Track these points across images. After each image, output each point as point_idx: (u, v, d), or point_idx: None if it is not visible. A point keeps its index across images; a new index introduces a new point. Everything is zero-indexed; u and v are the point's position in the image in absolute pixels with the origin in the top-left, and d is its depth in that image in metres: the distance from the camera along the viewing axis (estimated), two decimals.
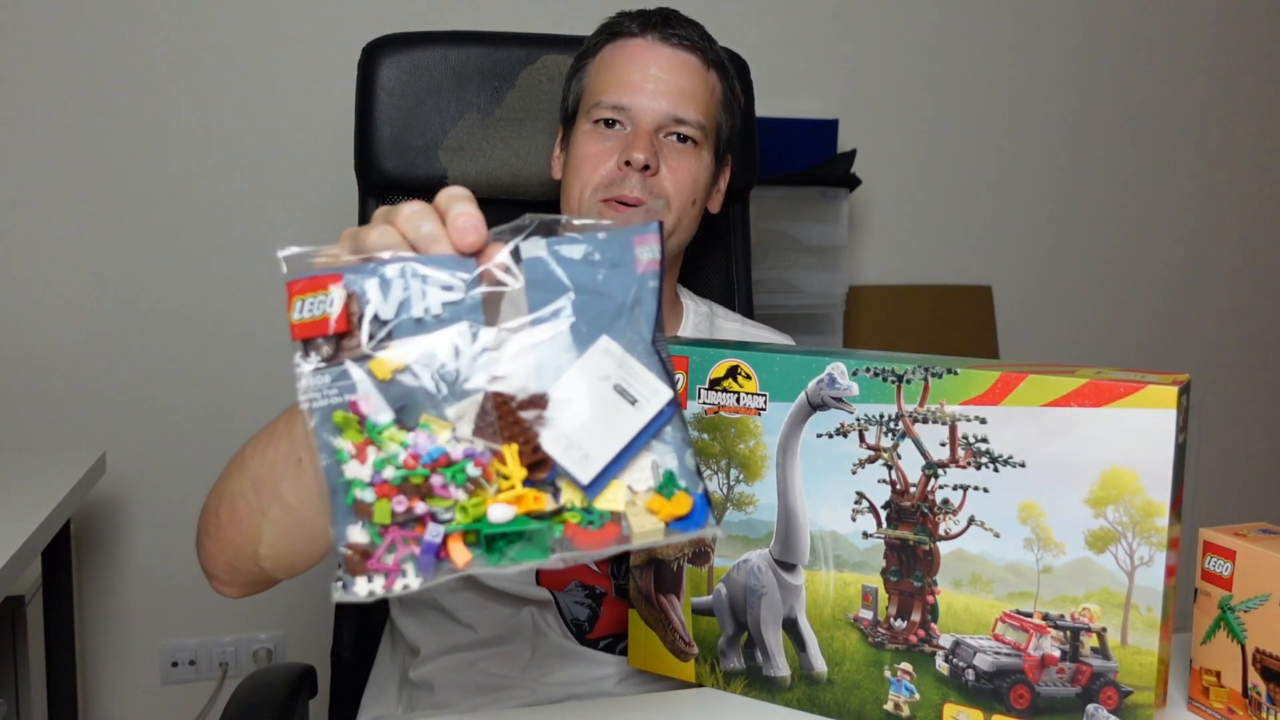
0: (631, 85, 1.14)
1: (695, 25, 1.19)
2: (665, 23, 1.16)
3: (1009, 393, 0.83)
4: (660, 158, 1.13)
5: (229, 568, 0.91)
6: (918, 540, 0.88)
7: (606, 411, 0.64)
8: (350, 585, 0.61)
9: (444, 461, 0.63)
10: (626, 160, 1.11)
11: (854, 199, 2.30)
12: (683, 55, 1.16)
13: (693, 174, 1.15)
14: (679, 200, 1.14)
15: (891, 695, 0.90)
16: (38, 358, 1.98)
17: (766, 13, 2.29)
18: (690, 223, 1.18)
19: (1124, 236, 2.61)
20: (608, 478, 0.64)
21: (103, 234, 1.99)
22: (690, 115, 1.14)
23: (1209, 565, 0.89)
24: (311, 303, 0.64)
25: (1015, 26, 2.47)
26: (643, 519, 0.64)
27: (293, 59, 2.04)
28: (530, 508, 0.63)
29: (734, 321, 1.32)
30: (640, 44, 1.16)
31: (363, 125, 1.36)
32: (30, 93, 1.94)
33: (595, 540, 0.63)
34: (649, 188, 1.12)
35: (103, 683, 2.08)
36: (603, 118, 1.15)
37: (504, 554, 0.63)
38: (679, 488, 0.64)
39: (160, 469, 2.04)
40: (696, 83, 1.16)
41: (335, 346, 0.63)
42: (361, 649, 1.35)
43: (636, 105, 1.13)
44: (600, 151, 1.14)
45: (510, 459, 0.63)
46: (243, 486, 0.85)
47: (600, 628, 1.15)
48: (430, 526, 0.62)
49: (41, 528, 1.38)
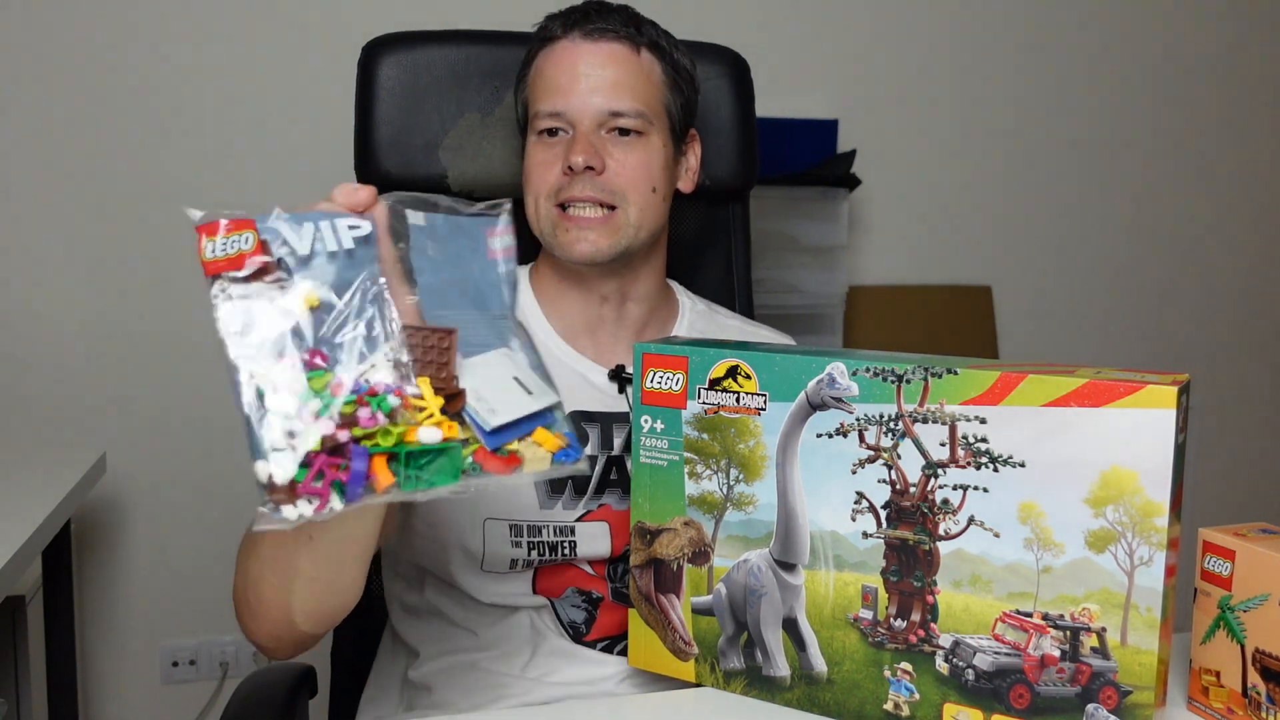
0: (562, 89, 1.12)
1: (620, 11, 1.15)
2: (586, 18, 1.14)
3: (1009, 393, 0.83)
4: (605, 154, 1.12)
5: (273, 639, 0.95)
6: (918, 540, 0.88)
7: (507, 390, 0.73)
8: (278, 513, 0.64)
9: (371, 393, 0.67)
10: (569, 165, 1.10)
11: (854, 199, 2.30)
12: (608, 47, 1.13)
13: (643, 163, 1.13)
14: (635, 192, 1.13)
15: (891, 695, 0.90)
16: (38, 358, 1.99)
17: (766, 13, 2.30)
18: (656, 210, 1.16)
19: (1124, 236, 2.61)
20: (508, 436, 0.71)
21: (103, 234, 1.99)
22: (627, 106, 1.12)
23: (1209, 565, 0.89)
24: (224, 243, 0.67)
25: (1015, 26, 2.47)
26: (534, 450, 0.71)
27: (292, 58, 2.04)
28: (448, 435, 0.68)
29: (735, 320, 1.31)
30: (565, 45, 1.14)
31: (363, 124, 1.36)
32: (30, 93, 1.94)
33: (500, 465, 0.70)
34: (599, 185, 1.11)
35: (103, 683, 2.08)
36: (544, 128, 1.14)
37: (419, 479, 0.67)
38: (559, 430, 0.74)
39: (160, 469, 2.05)
40: (628, 71, 1.13)
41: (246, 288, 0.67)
42: (361, 649, 1.35)
43: (570, 108, 1.12)
44: (546, 160, 1.13)
45: (426, 390, 0.68)
46: (261, 571, 0.89)
47: (597, 630, 1.15)
48: (355, 449, 0.65)
49: (41, 528, 1.38)
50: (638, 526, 0.99)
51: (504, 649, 1.14)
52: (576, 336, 1.20)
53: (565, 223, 1.12)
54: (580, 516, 1.14)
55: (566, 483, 1.14)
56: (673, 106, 1.17)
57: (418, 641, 1.19)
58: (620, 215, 1.12)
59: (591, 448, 1.15)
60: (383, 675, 1.25)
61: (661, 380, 0.97)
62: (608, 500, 1.15)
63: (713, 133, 1.41)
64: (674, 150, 1.18)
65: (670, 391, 0.96)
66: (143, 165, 2.00)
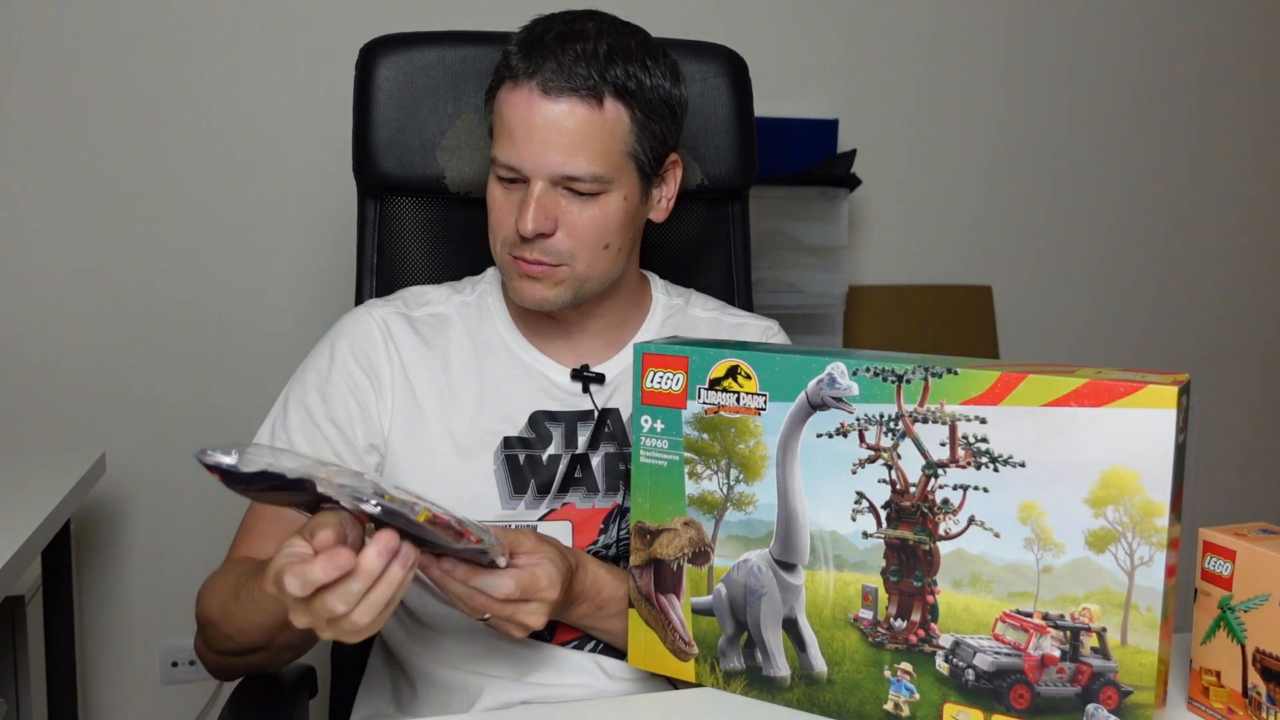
0: (518, 143, 1.07)
1: (585, 52, 1.06)
2: (546, 62, 1.06)
3: (1009, 393, 0.83)
4: (558, 213, 1.08)
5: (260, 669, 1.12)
6: (918, 540, 0.88)
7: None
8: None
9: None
10: (520, 232, 1.08)
11: (854, 199, 2.30)
12: (565, 107, 1.06)
13: (596, 223, 1.09)
14: (584, 251, 1.10)
15: (891, 695, 0.90)
16: (38, 358, 1.98)
17: (766, 13, 2.29)
18: (609, 262, 1.13)
19: (1124, 237, 2.61)
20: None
21: (103, 234, 1.99)
22: (582, 170, 1.06)
23: (1209, 565, 0.89)
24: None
25: (1015, 27, 2.47)
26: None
27: (290, 59, 2.04)
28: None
29: (711, 310, 1.28)
30: (524, 94, 1.07)
31: (360, 125, 1.36)
32: (30, 93, 1.94)
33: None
34: (547, 249, 1.09)
35: (103, 683, 2.08)
36: (501, 175, 1.11)
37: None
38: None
39: (160, 469, 2.04)
40: (589, 130, 1.06)
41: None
42: (361, 649, 1.35)
43: (525, 165, 1.07)
44: (504, 204, 1.11)
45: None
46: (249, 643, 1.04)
47: (562, 632, 1.14)
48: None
49: (41, 528, 1.38)
50: (638, 526, 0.99)
51: (470, 650, 1.14)
52: (540, 337, 1.19)
53: (516, 269, 1.11)
54: (543, 516, 1.14)
55: (529, 482, 1.14)
56: (641, 151, 1.11)
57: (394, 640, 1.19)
58: (565, 270, 1.10)
59: (555, 446, 1.15)
60: (375, 672, 1.26)
61: (661, 380, 0.97)
62: (571, 499, 1.15)
63: (712, 133, 1.41)
64: (642, 193, 1.14)
65: (670, 391, 0.96)
66: (142, 166, 1.99)
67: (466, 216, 1.37)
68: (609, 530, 1.15)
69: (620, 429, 1.17)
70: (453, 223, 1.40)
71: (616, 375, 1.19)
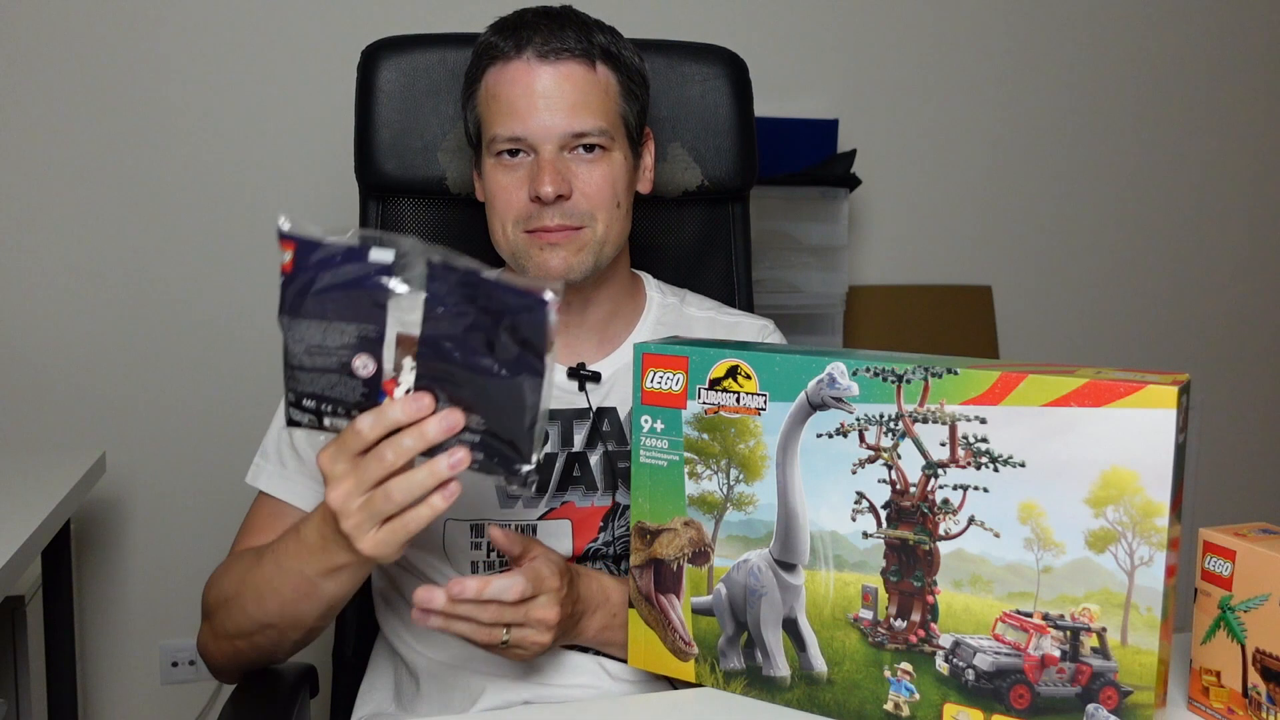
0: (521, 113, 1.09)
1: (571, 22, 1.12)
2: (539, 36, 1.10)
3: (1009, 393, 0.83)
4: (571, 176, 1.10)
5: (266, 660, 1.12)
6: (918, 540, 0.88)
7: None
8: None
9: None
10: (537, 194, 1.09)
11: (854, 199, 2.30)
12: (565, 68, 1.10)
13: (608, 180, 1.12)
14: (602, 210, 1.12)
15: (891, 695, 0.90)
16: (38, 358, 1.99)
17: (766, 13, 2.30)
18: (620, 223, 1.15)
19: (1124, 236, 2.61)
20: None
21: (103, 234, 1.99)
22: (590, 125, 1.10)
23: (1209, 565, 0.89)
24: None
25: (1015, 27, 2.47)
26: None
27: (292, 62, 2.04)
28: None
29: (707, 309, 1.29)
30: (519, 66, 1.10)
31: (362, 127, 1.36)
32: (30, 93, 1.94)
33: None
34: (567, 212, 1.10)
35: (103, 683, 2.08)
36: (504, 149, 1.11)
37: None
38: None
39: (160, 469, 2.04)
40: (587, 89, 1.11)
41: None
42: (362, 649, 1.35)
43: (532, 132, 1.09)
44: (509, 184, 1.11)
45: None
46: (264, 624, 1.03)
47: None
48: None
49: (41, 528, 1.38)
50: (638, 526, 0.99)
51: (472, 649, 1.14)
52: None
53: (537, 241, 1.11)
54: (542, 515, 1.14)
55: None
56: (629, 115, 1.15)
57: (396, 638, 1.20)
58: (588, 233, 1.12)
59: (552, 445, 1.15)
60: (378, 670, 1.25)
61: (661, 380, 0.97)
62: (570, 498, 1.15)
63: (713, 134, 1.41)
64: (633, 158, 1.18)
65: (670, 391, 0.96)
66: (143, 167, 2.00)
67: (467, 218, 1.37)
68: (608, 528, 1.16)
69: (617, 427, 1.17)
70: (454, 224, 1.40)
71: (612, 374, 1.19)
